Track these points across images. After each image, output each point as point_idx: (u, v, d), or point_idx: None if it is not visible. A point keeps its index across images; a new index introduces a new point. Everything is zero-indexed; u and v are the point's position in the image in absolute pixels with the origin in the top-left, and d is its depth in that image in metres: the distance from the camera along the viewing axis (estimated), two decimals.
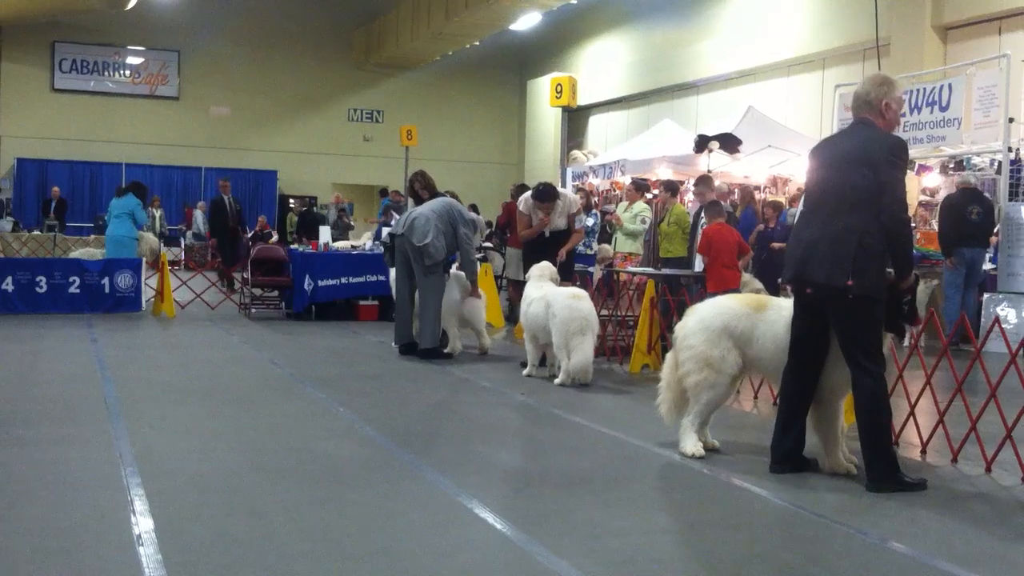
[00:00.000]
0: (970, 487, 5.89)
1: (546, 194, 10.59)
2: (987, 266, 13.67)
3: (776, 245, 14.75)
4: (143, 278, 14.49)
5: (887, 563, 4.49)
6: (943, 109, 14.11)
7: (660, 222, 12.88)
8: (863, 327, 5.69)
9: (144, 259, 15.08)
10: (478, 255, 15.56)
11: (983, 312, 12.58)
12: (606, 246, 16.15)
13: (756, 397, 8.54)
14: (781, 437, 6.00)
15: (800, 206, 13.35)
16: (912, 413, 6.77)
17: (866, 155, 5.64)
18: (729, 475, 5.90)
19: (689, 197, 16.07)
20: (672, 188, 14.78)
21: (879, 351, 5.77)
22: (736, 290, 9.77)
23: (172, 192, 31.78)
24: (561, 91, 30.70)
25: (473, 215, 11.04)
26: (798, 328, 5.94)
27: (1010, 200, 13.15)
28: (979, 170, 15.21)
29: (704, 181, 12.22)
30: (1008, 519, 5.24)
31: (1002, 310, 12.09)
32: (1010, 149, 13.35)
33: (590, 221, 15.07)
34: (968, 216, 12.59)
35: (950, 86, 14.11)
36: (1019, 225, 12.69)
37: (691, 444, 6.32)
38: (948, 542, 4.76)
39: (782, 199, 17.18)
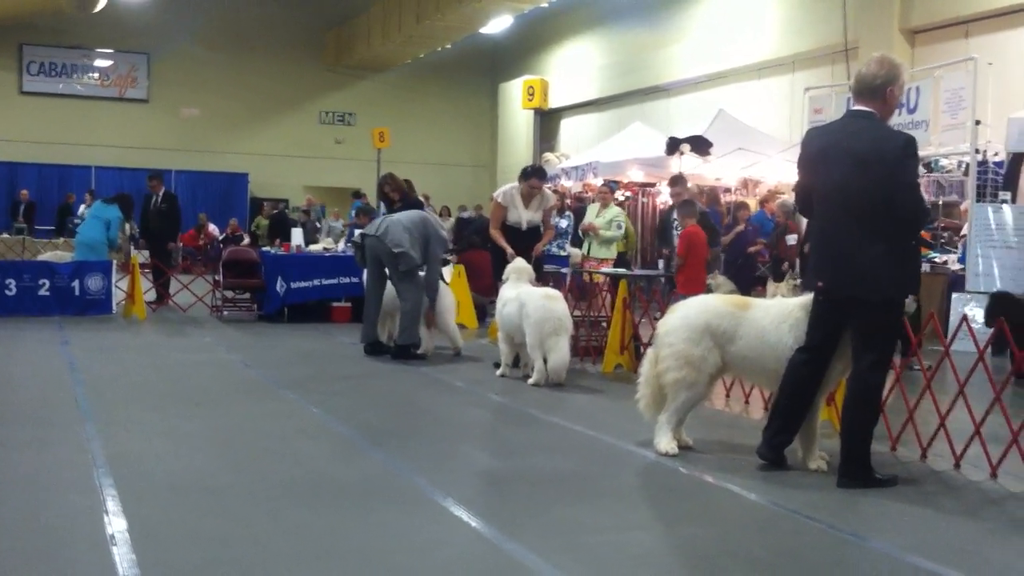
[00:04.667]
0: (940, 483, 5.95)
1: (541, 172, 10.76)
2: (955, 266, 13.83)
3: (753, 249, 14.88)
4: (113, 280, 14.39)
5: (860, 558, 4.54)
6: (911, 111, 14.27)
7: None
8: (886, 328, 5.73)
9: (115, 262, 14.96)
10: (452, 257, 15.58)
11: (951, 311, 12.71)
12: (575, 251, 16.21)
13: (728, 396, 8.60)
14: (781, 427, 5.99)
15: (793, 199, 13.47)
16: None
17: (882, 156, 5.57)
18: (703, 472, 5.93)
19: (664, 198, 16.17)
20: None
21: (892, 353, 5.84)
22: (705, 291, 9.81)
23: (142, 195, 31.40)
24: (533, 93, 30.84)
25: (444, 234, 11.12)
26: (822, 329, 5.89)
27: (977, 201, 13.30)
28: (947, 171, 15.40)
29: (678, 181, 12.28)
30: (978, 514, 5.31)
31: (970, 310, 12.20)
32: (977, 151, 13.51)
33: (564, 223, 15.11)
34: None
35: (918, 89, 14.27)
36: (986, 226, 12.85)
37: (665, 442, 6.35)
38: (920, 537, 4.81)
39: (751, 201, 17.29)
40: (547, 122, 31.47)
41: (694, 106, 23.67)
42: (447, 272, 14.63)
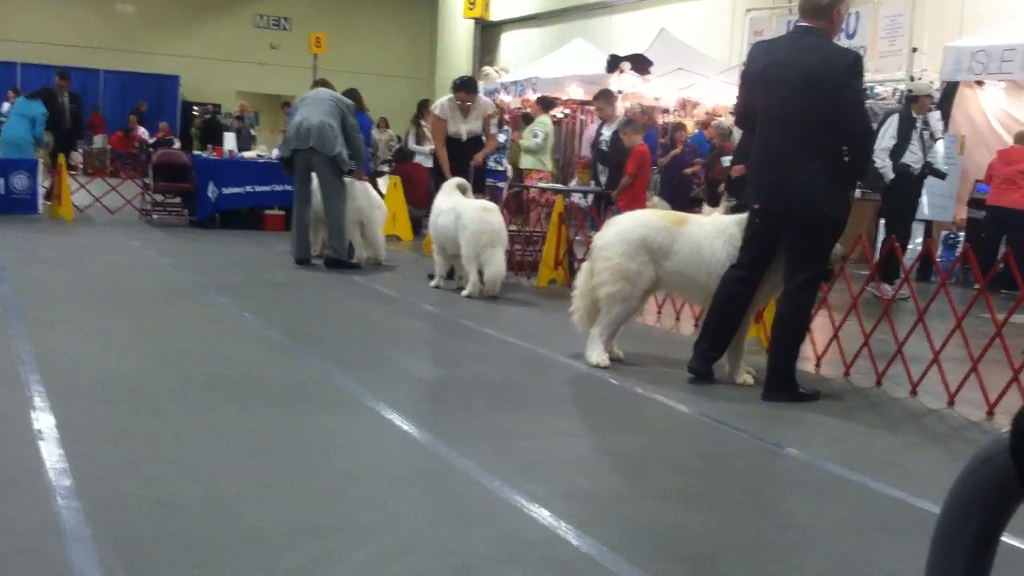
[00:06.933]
0: (862, 399, 6.11)
1: (470, 83, 10.63)
2: None
3: (689, 171, 14.95)
4: (40, 180, 14.01)
5: (783, 466, 4.67)
6: (850, 37, 14.33)
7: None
8: (818, 248, 5.81)
9: (41, 161, 14.53)
10: (386, 168, 15.42)
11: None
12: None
13: (660, 312, 8.69)
14: (712, 343, 6.08)
15: (728, 122, 13.46)
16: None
17: (828, 75, 5.58)
18: (633, 384, 6.02)
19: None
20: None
21: (822, 273, 5.93)
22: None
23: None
24: (475, 2, 30.32)
25: (351, 103, 10.89)
26: (757, 247, 5.94)
27: None
28: (882, 99, 15.51)
29: (604, 96, 12.22)
30: (897, 427, 5.47)
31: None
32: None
33: (502, 137, 14.99)
34: None
35: (858, 14, 14.31)
36: None
37: (597, 354, 6.43)
38: (839, 447, 4.95)
39: (688, 122, 17.32)
40: (488, 35, 31.03)
41: (636, 24, 23.48)
42: (382, 184, 14.51)
